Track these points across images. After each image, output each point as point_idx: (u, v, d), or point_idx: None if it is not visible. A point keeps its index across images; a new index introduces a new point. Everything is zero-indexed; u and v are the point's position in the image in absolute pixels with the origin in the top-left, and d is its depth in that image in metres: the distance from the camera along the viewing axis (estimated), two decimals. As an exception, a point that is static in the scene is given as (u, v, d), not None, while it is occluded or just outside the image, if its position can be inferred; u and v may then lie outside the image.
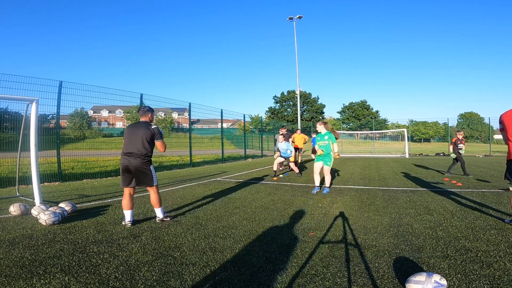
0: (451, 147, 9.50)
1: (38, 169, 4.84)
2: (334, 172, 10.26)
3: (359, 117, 60.74)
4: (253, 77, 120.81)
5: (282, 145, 9.61)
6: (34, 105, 4.84)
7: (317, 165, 6.42)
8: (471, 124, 58.00)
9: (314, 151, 6.18)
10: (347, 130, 47.67)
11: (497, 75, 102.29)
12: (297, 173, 9.50)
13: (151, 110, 4.22)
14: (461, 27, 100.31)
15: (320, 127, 6.50)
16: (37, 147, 4.78)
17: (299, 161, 12.90)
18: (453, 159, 9.61)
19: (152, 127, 4.01)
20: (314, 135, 11.06)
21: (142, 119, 4.14)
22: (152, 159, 4.14)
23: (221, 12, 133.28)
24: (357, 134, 36.08)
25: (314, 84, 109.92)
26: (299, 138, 12.44)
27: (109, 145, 12.72)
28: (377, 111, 62.86)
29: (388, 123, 52.39)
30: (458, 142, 9.33)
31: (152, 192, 4.09)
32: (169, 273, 2.52)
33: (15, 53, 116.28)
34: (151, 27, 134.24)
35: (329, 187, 6.59)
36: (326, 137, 6.32)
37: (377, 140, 32.48)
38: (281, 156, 9.71)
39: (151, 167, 4.04)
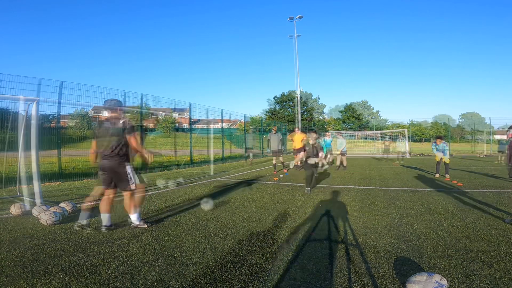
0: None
1: (39, 169, 4.85)
2: (334, 173, 10.26)
3: (360, 117, 60.69)
4: (253, 77, 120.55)
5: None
6: (34, 105, 4.85)
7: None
8: (471, 124, 57.90)
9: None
10: (348, 130, 47.57)
11: (498, 75, 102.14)
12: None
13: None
14: (462, 26, 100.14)
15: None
16: (38, 147, 4.79)
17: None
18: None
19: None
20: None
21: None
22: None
23: (221, 11, 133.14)
24: (357, 134, 36.04)
25: (314, 84, 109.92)
26: (298, 137, 12.32)
27: (109, 145, 12.69)
28: (377, 111, 62.87)
29: (388, 123, 52.36)
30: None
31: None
32: (169, 273, 2.52)
33: (15, 52, 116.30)
34: (151, 27, 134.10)
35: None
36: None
37: (377, 140, 32.41)
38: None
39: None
